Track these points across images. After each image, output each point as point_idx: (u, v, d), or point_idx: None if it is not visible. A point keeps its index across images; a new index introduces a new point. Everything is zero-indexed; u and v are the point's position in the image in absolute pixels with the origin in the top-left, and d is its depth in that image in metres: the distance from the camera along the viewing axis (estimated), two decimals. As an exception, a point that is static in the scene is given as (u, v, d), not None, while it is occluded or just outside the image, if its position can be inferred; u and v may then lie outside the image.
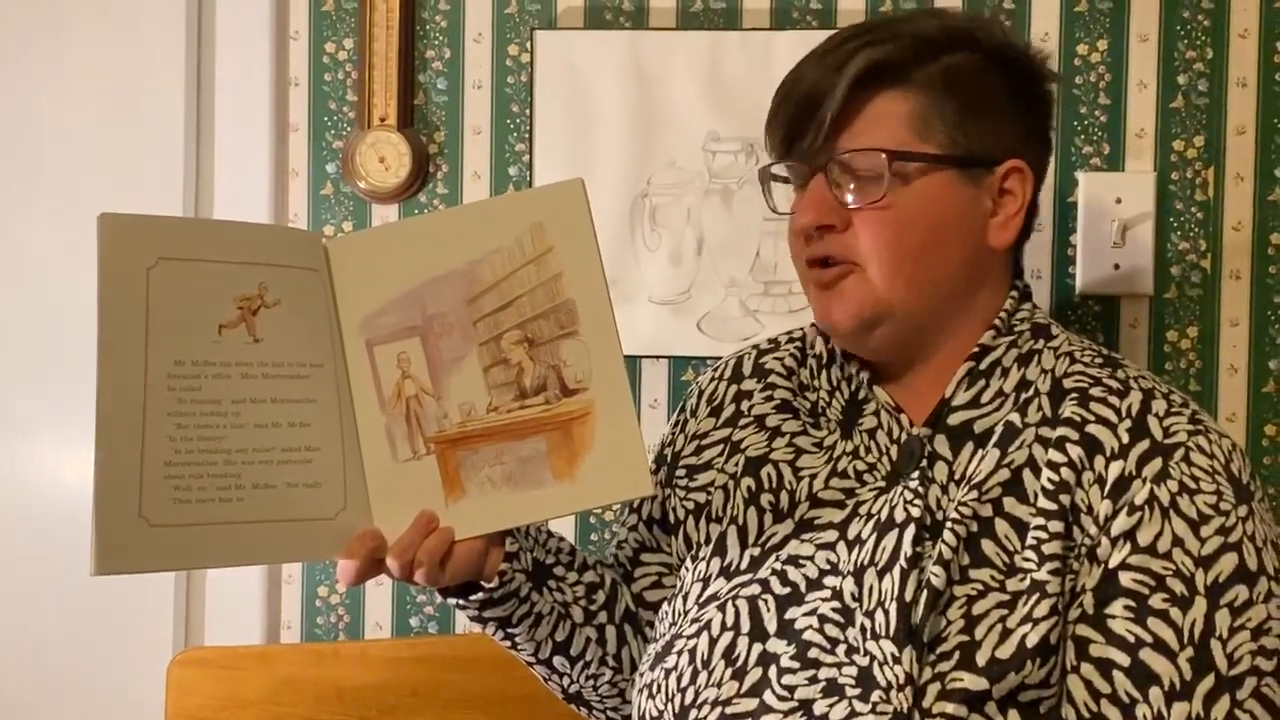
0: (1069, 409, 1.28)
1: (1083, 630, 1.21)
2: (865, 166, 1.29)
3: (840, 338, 1.37)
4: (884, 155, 1.28)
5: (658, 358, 1.90)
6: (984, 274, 1.35)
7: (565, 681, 1.44)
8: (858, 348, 1.36)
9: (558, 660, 1.41)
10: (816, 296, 1.35)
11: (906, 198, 1.29)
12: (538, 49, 1.88)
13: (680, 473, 1.46)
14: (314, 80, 1.95)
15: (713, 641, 1.30)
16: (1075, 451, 1.25)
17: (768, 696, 1.24)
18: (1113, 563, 1.21)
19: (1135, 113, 1.85)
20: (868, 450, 1.35)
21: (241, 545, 1.21)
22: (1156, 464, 1.22)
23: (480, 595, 1.32)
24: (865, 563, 1.27)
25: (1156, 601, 1.19)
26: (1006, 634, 1.20)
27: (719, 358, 1.56)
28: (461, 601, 1.33)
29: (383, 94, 1.91)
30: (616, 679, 1.45)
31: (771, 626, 1.28)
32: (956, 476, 1.29)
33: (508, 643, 1.39)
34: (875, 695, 1.19)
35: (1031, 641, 1.19)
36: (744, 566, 1.34)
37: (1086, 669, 1.20)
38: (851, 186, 1.30)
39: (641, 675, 1.37)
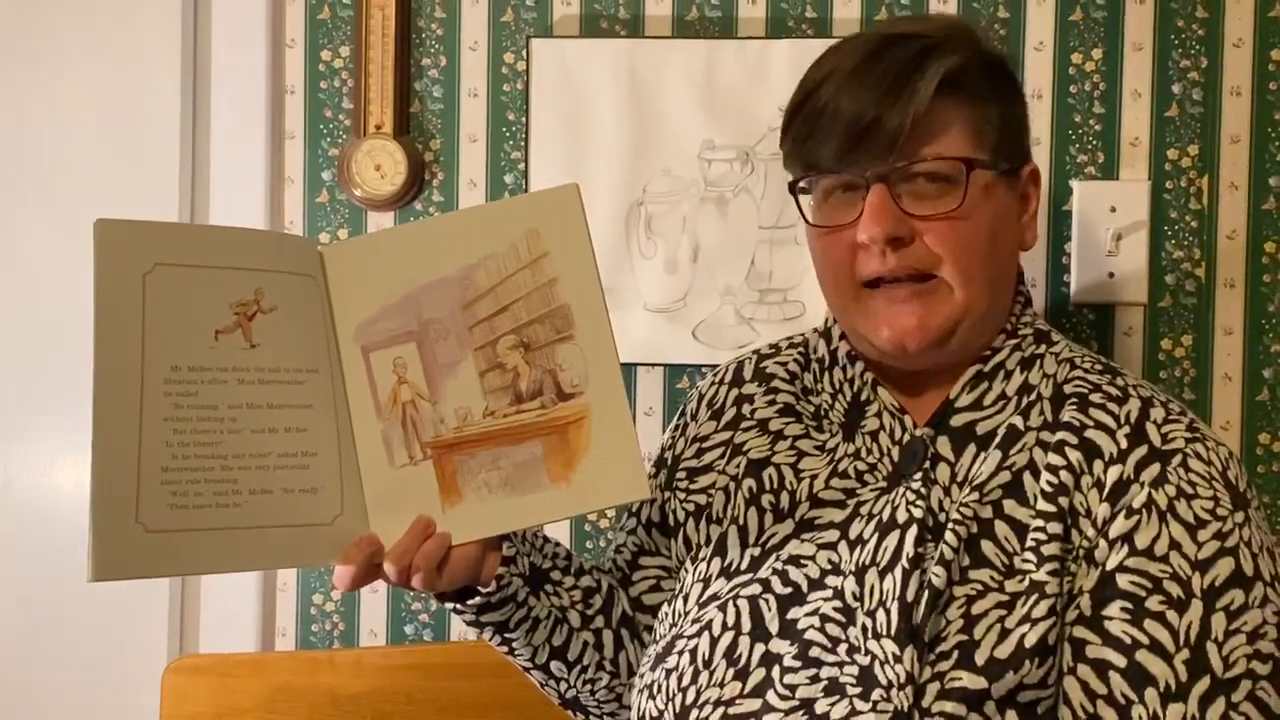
0: (1069, 414, 1.29)
1: (1080, 631, 1.21)
2: (939, 175, 1.28)
3: (907, 355, 1.32)
4: (963, 164, 1.27)
5: (653, 365, 1.90)
6: (1013, 279, 1.37)
7: (562, 686, 1.44)
8: (918, 362, 1.33)
9: (555, 665, 1.41)
10: (884, 312, 1.31)
11: (980, 206, 1.29)
12: (534, 57, 1.89)
13: (680, 475, 1.46)
14: (310, 88, 1.95)
15: (714, 641, 1.30)
16: (1074, 455, 1.26)
17: (770, 696, 1.24)
18: (1110, 565, 1.21)
19: (1130, 121, 1.85)
20: (869, 451, 1.35)
21: (238, 551, 1.21)
22: (1155, 469, 1.23)
23: (477, 600, 1.31)
24: (867, 562, 1.27)
25: (1153, 604, 1.19)
26: (1005, 634, 1.20)
27: (714, 365, 1.57)
28: (458, 606, 1.33)
29: (379, 102, 1.91)
30: (613, 683, 1.45)
31: (773, 626, 1.28)
32: (958, 478, 1.30)
33: (504, 648, 1.39)
34: (876, 694, 1.20)
35: (1030, 642, 1.19)
36: (745, 566, 1.34)
37: (1083, 670, 1.20)
38: (920, 197, 1.28)
39: (641, 676, 1.37)
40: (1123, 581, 1.20)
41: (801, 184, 1.36)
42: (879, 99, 1.26)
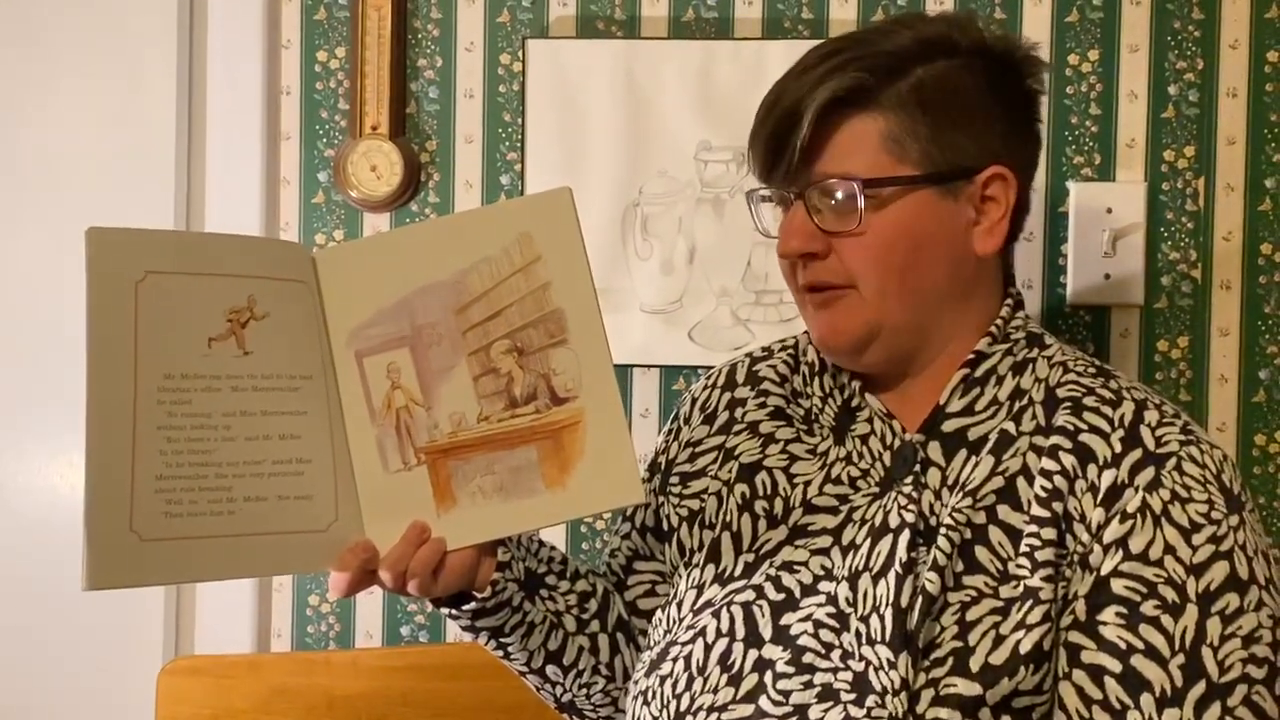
0: (1062, 418, 1.28)
1: (1075, 637, 1.21)
2: (840, 193, 1.29)
3: (837, 357, 1.37)
4: (856, 184, 1.27)
5: (649, 367, 1.90)
6: (974, 282, 1.34)
7: (558, 690, 1.44)
8: (854, 365, 1.36)
9: (550, 669, 1.41)
10: (812, 317, 1.35)
11: (883, 222, 1.28)
12: (529, 58, 1.89)
13: (674, 480, 1.46)
14: (306, 89, 1.95)
15: (708, 648, 1.30)
16: (1068, 460, 1.25)
17: (763, 702, 1.24)
18: (1105, 570, 1.21)
19: (1126, 123, 1.85)
20: (861, 456, 1.35)
21: (233, 558, 1.21)
22: (1149, 473, 1.23)
23: (472, 605, 1.31)
24: (860, 568, 1.27)
25: (1148, 608, 1.19)
26: (1000, 640, 1.20)
27: (710, 367, 1.57)
28: (454, 611, 1.33)
29: (374, 103, 1.91)
30: (609, 688, 1.45)
31: (767, 632, 1.28)
32: (950, 483, 1.29)
33: (500, 652, 1.39)
34: (870, 700, 1.20)
35: (1025, 648, 1.19)
36: (738, 573, 1.34)
37: (1078, 675, 1.20)
38: (829, 213, 1.29)
39: (636, 682, 1.37)
40: (1117, 586, 1.20)
41: (760, 191, 1.39)
42: (784, 115, 1.29)
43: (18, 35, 1.99)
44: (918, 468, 1.30)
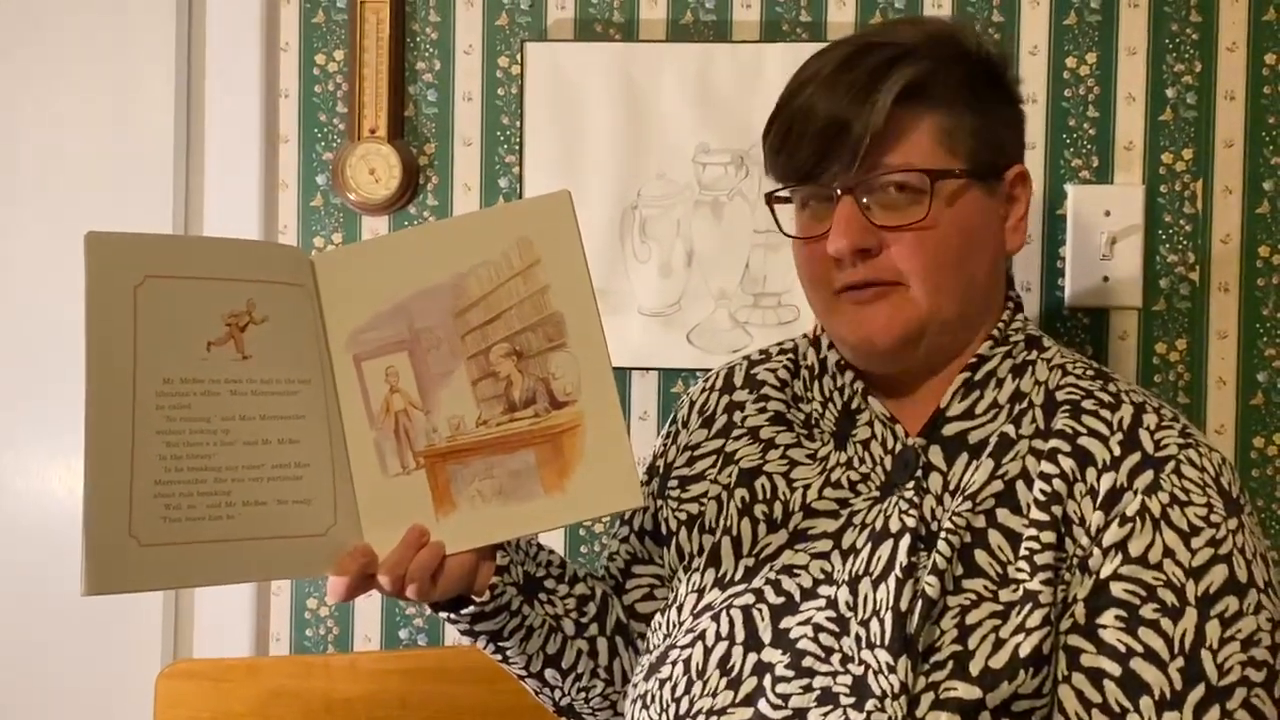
0: (1061, 421, 1.28)
1: (1074, 640, 1.21)
2: (905, 186, 1.27)
3: (877, 356, 1.33)
4: (927, 176, 1.27)
5: (647, 370, 1.90)
6: (996, 283, 1.36)
7: (557, 694, 1.44)
8: (888, 367, 1.35)
9: (549, 673, 1.41)
10: (852, 315, 1.32)
11: (947, 215, 1.28)
12: (528, 61, 1.89)
13: (672, 484, 1.46)
14: (304, 92, 1.95)
15: (707, 651, 1.30)
16: (1067, 463, 1.25)
17: (762, 705, 1.24)
18: (1104, 573, 1.21)
19: (1124, 125, 1.85)
20: (861, 461, 1.35)
21: (232, 563, 1.20)
22: (1148, 476, 1.23)
23: (471, 609, 1.31)
24: (860, 572, 1.27)
25: (1147, 612, 1.19)
26: (1000, 644, 1.20)
27: (709, 370, 1.57)
28: (452, 615, 1.33)
29: (373, 106, 1.91)
30: (608, 691, 1.45)
31: (766, 636, 1.28)
32: (951, 487, 1.29)
33: (499, 656, 1.39)
34: (870, 704, 1.19)
35: (1024, 651, 1.19)
36: (738, 577, 1.34)
37: (1078, 679, 1.20)
38: (886, 208, 1.28)
39: (635, 686, 1.37)
40: (1117, 589, 1.20)
41: (780, 193, 1.36)
42: (845, 108, 1.26)
43: (17, 39, 1.99)
44: (919, 472, 1.30)
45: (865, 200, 1.28)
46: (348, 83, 1.92)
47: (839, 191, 1.28)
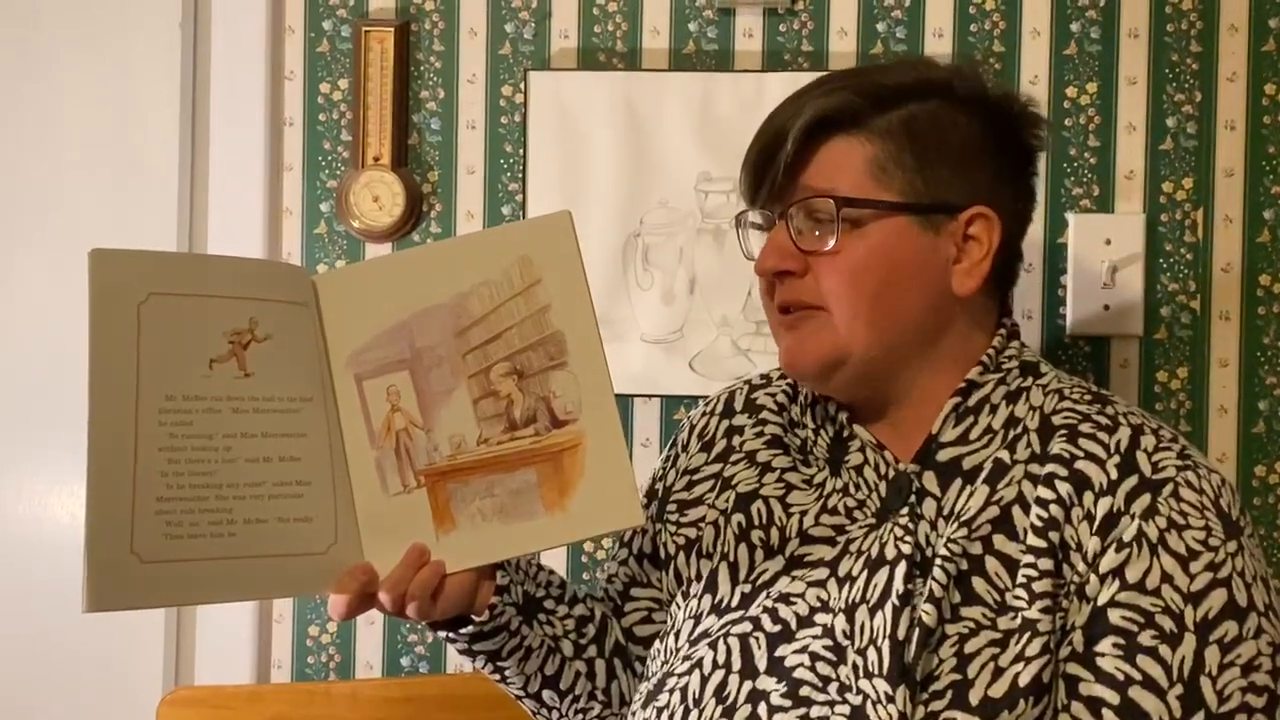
0: (1058, 445, 1.28)
1: (1073, 668, 1.21)
2: (820, 212, 1.30)
3: (803, 380, 1.39)
4: (832, 201, 1.29)
5: (650, 396, 1.90)
6: (950, 318, 1.34)
7: (554, 716, 1.44)
8: (821, 389, 1.38)
9: (547, 694, 1.41)
10: (783, 338, 1.36)
11: (858, 244, 1.30)
12: (531, 90, 1.90)
13: (671, 508, 1.46)
14: (308, 120, 1.96)
15: (704, 680, 1.29)
16: (1064, 488, 1.25)
17: (758, 734, 1.24)
18: (1102, 600, 1.21)
19: (1125, 155, 1.86)
20: (857, 487, 1.35)
21: (234, 581, 1.20)
22: (1145, 500, 1.23)
23: (470, 629, 1.31)
24: (857, 600, 1.26)
25: (1145, 639, 1.19)
26: (999, 672, 1.19)
27: (713, 394, 1.57)
28: (451, 635, 1.33)
29: (377, 134, 1.92)
30: (605, 714, 1.44)
31: (762, 664, 1.27)
32: (945, 513, 1.29)
33: (497, 676, 1.39)
34: (868, 733, 1.19)
35: (1024, 680, 1.19)
36: (735, 604, 1.34)
37: (1076, 707, 1.20)
38: (809, 233, 1.31)
39: (634, 714, 1.37)
40: (1114, 617, 1.20)
41: (740, 215, 1.42)
42: (772, 136, 1.33)
43: (21, 67, 2.01)
44: (913, 498, 1.30)
45: (797, 225, 1.31)
46: (352, 111, 1.94)
47: (775, 215, 1.34)
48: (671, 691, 1.31)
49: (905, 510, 1.29)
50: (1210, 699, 1.17)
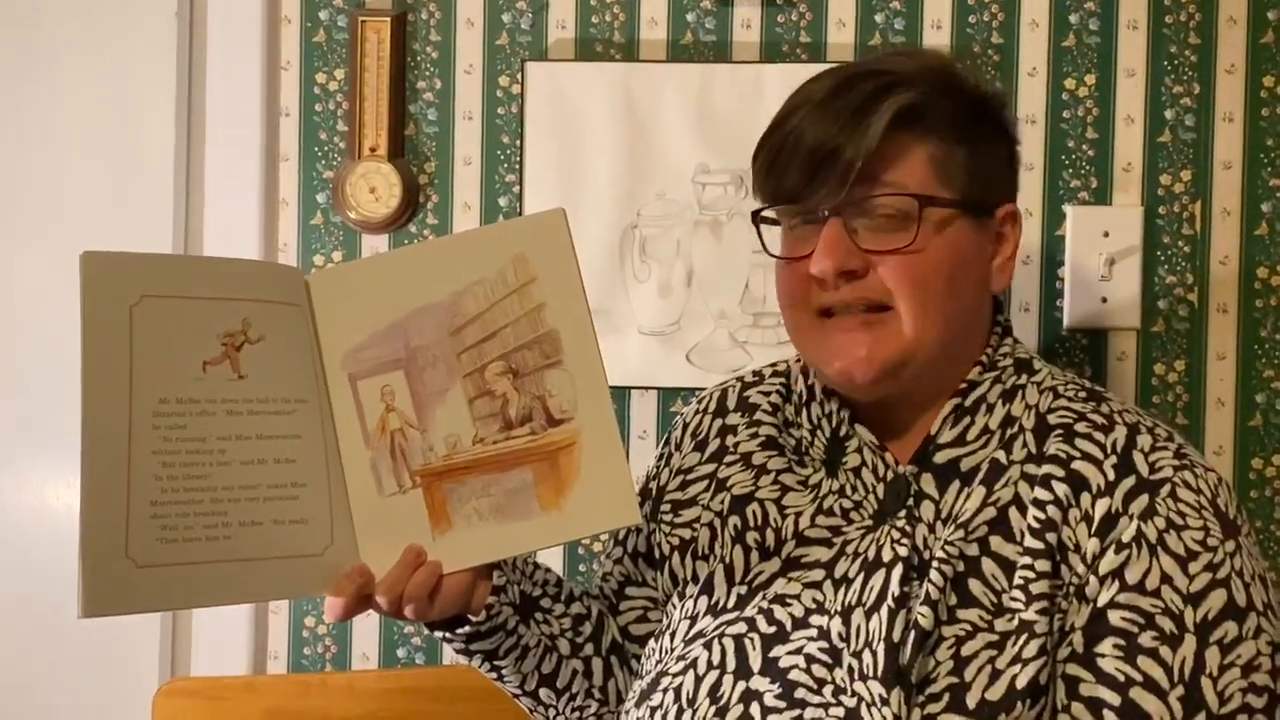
0: (1054, 446, 1.27)
1: (1072, 669, 1.20)
2: (887, 209, 1.27)
3: (856, 387, 1.32)
4: (916, 201, 1.26)
5: (646, 389, 1.90)
6: (981, 315, 1.35)
7: (551, 713, 1.44)
8: (867, 395, 1.33)
9: (544, 692, 1.41)
10: (834, 342, 1.30)
11: (935, 242, 1.27)
12: (528, 80, 1.89)
13: (665, 508, 1.45)
14: (305, 110, 1.95)
15: (698, 679, 1.29)
16: (1061, 489, 1.24)
17: (751, 734, 1.24)
18: (1101, 601, 1.20)
19: (1123, 147, 1.85)
20: (854, 489, 1.34)
21: (229, 584, 1.20)
22: (1143, 500, 1.22)
23: (467, 629, 1.31)
24: (853, 602, 1.26)
25: (1146, 640, 1.18)
26: (996, 675, 1.19)
27: (705, 391, 1.56)
28: (449, 634, 1.33)
29: (373, 124, 1.91)
30: (602, 711, 1.44)
31: (756, 665, 1.27)
32: (943, 515, 1.28)
33: (494, 674, 1.39)
34: (863, 736, 1.19)
35: (1021, 682, 1.18)
36: (730, 605, 1.34)
37: (1076, 708, 1.19)
38: (873, 231, 1.27)
39: (627, 713, 1.37)
40: (1114, 618, 1.19)
41: (765, 214, 1.36)
42: (836, 132, 1.26)
43: (16, 57, 2.00)
44: (911, 500, 1.30)
45: (852, 224, 1.27)
46: (348, 101, 1.93)
47: (826, 213, 1.27)
48: (665, 691, 1.31)
49: (903, 513, 1.29)
50: (1211, 700, 1.17)
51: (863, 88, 1.27)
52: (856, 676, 1.22)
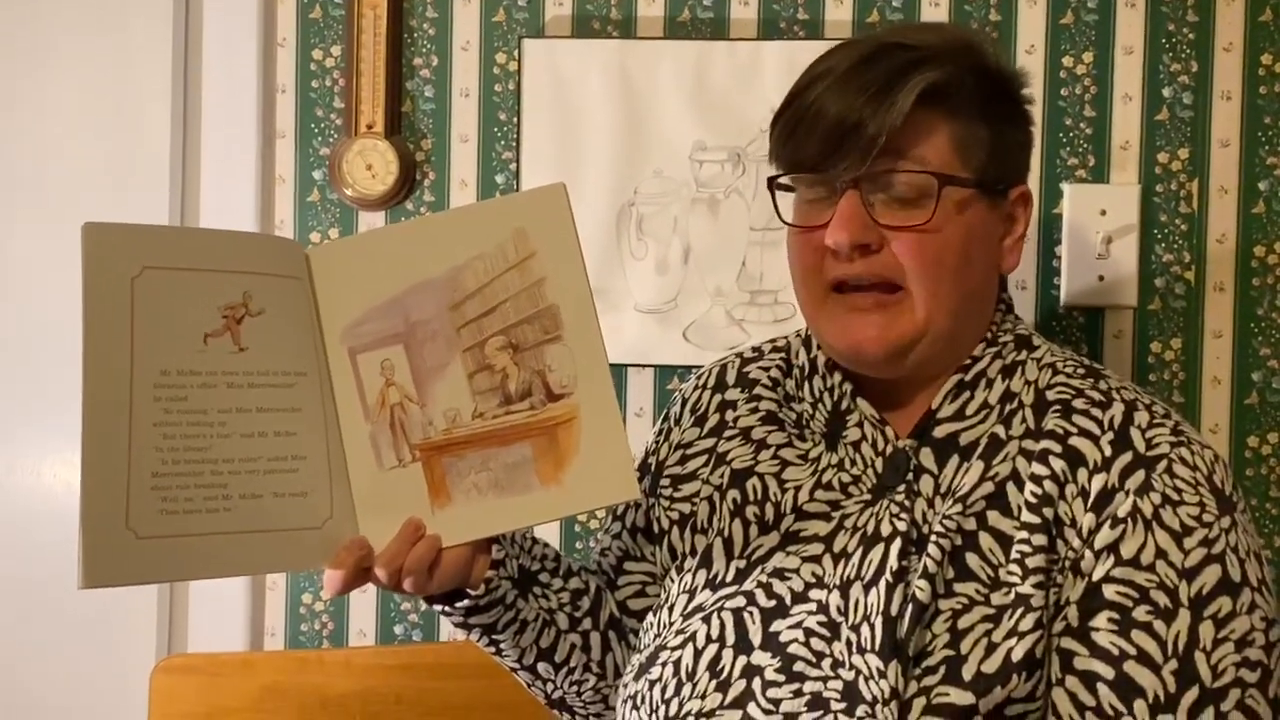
0: (1052, 421, 1.28)
1: (1067, 643, 1.21)
2: (905, 185, 1.27)
3: (865, 365, 1.33)
4: (936, 179, 1.26)
5: (643, 366, 1.90)
6: (989, 295, 1.35)
7: (549, 688, 1.44)
8: (876, 372, 1.33)
9: (542, 666, 1.41)
10: (844, 319, 1.31)
11: (951, 221, 1.27)
12: (525, 58, 1.89)
13: (664, 482, 1.45)
14: (301, 87, 1.95)
15: (697, 653, 1.29)
16: (1058, 464, 1.25)
17: (751, 709, 1.24)
18: (1096, 575, 1.21)
19: (1120, 125, 1.85)
20: (853, 463, 1.34)
21: (229, 556, 1.20)
22: (1139, 476, 1.23)
23: (466, 602, 1.31)
24: (851, 576, 1.27)
25: (1140, 614, 1.19)
26: (992, 648, 1.20)
27: (704, 366, 1.56)
28: (447, 608, 1.33)
29: (370, 101, 1.91)
30: (600, 685, 1.45)
31: (756, 639, 1.27)
32: (942, 489, 1.29)
33: (492, 649, 1.39)
34: (861, 710, 1.19)
35: (1017, 655, 1.19)
36: (729, 579, 1.34)
37: (1071, 682, 1.20)
38: (890, 206, 1.27)
39: (625, 686, 1.37)
40: (1109, 592, 1.20)
41: (781, 181, 1.35)
42: (861, 105, 1.25)
43: (13, 34, 1.99)
44: (910, 475, 1.30)
45: (870, 197, 1.27)
46: (345, 78, 1.93)
47: (844, 185, 1.27)
48: (664, 665, 1.31)
49: (902, 487, 1.29)
50: (1205, 674, 1.17)
51: (889, 62, 1.27)
52: (855, 650, 1.22)
